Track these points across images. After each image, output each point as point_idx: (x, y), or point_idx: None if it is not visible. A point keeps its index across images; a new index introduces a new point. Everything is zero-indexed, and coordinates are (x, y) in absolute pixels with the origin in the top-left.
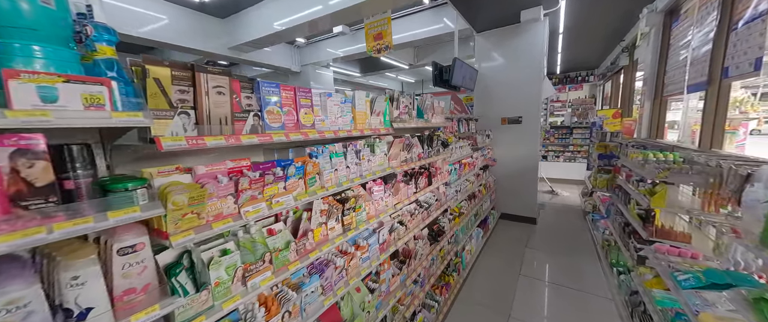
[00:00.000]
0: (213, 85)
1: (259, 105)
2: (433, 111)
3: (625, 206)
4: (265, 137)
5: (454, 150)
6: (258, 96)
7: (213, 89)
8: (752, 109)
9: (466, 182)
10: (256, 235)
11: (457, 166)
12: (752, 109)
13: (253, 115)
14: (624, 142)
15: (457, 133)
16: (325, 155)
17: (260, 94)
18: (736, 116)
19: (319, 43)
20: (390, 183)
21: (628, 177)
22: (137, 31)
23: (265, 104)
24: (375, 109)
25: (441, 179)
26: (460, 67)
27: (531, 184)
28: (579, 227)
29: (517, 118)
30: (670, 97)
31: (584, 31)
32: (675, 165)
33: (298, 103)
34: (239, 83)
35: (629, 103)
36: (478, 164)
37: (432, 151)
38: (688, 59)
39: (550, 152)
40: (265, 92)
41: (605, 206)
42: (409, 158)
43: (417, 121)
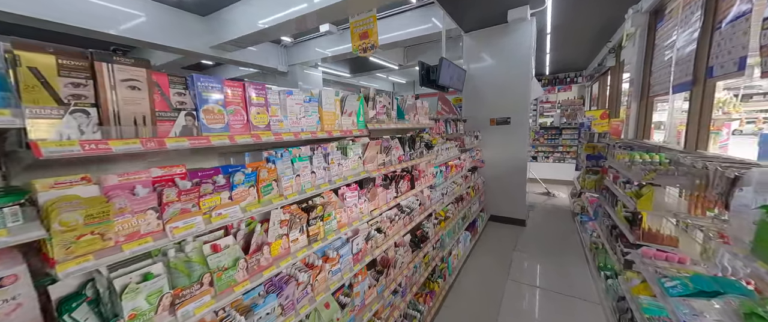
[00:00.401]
0: (122, 78)
1: (194, 103)
2: (415, 112)
3: (612, 208)
4: (201, 141)
5: (439, 152)
6: (193, 93)
7: (122, 83)
8: (734, 110)
9: (453, 184)
10: (193, 253)
11: (443, 168)
12: (734, 110)
13: (185, 114)
14: (611, 143)
15: (445, 134)
16: (285, 160)
17: (195, 90)
18: (720, 117)
19: (307, 43)
20: (366, 188)
21: (615, 179)
22: (116, 30)
23: (201, 102)
24: (346, 109)
25: (425, 183)
26: (447, 67)
27: (520, 185)
28: (568, 229)
29: (505, 119)
30: (656, 97)
31: (571, 32)
32: (661, 167)
33: (249, 101)
34: (167, 78)
35: (616, 103)
36: (466, 165)
37: (414, 153)
38: (673, 59)
39: (540, 153)
40: (201, 88)
41: (593, 207)
42: (388, 161)
43: (397, 123)
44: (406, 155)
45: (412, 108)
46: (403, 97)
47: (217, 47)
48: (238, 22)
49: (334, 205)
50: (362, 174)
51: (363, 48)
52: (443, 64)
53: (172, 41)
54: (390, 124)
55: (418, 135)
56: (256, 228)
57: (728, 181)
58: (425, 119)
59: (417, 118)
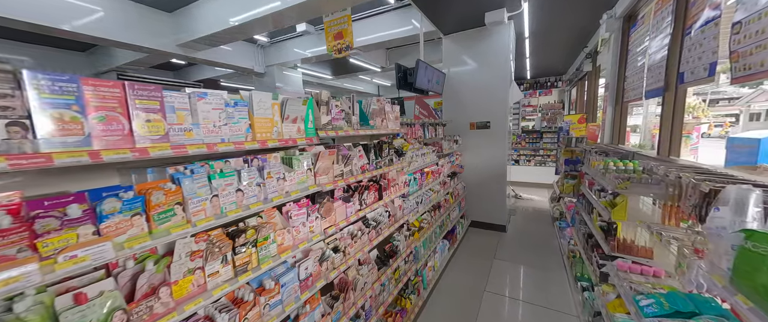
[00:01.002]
0: None
1: (25, 108)
2: (383, 116)
3: (588, 215)
4: (34, 160)
5: (414, 158)
6: (26, 94)
7: None
8: (703, 114)
9: (429, 191)
10: (31, 314)
11: (418, 175)
12: (703, 114)
13: (6, 124)
14: (587, 148)
15: (422, 139)
16: (198, 177)
17: (28, 91)
18: (689, 121)
19: (285, 43)
20: (320, 203)
21: (591, 185)
22: (70, 25)
23: (40, 107)
24: (288, 114)
25: (396, 192)
26: (424, 70)
27: (500, 190)
28: (547, 234)
29: (485, 123)
30: (630, 102)
31: (550, 36)
32: (635, 175)
33: (131, 105)
34: None
35: (593, 108)
36: (445, 171)
37: (382, 161)
38: (645, 65)
39: (522, 156)
40: (41, 87)
41: (571, 213)
42: (348, 172)
43: (361, 129)
44: (372, 164)
45: (378, 112)
46: (367, 101)
47: (185, 46)
48: (207, 19)
49: (273, 226)
50: (312, 188)
51: (338, 49)
52: (420, 66)
53: (134, 39)
54: (349, 130)
55: (388, 141)
56: (147, 265)
57: (701, 194)
58: (395, 124)
59: (385, 124)
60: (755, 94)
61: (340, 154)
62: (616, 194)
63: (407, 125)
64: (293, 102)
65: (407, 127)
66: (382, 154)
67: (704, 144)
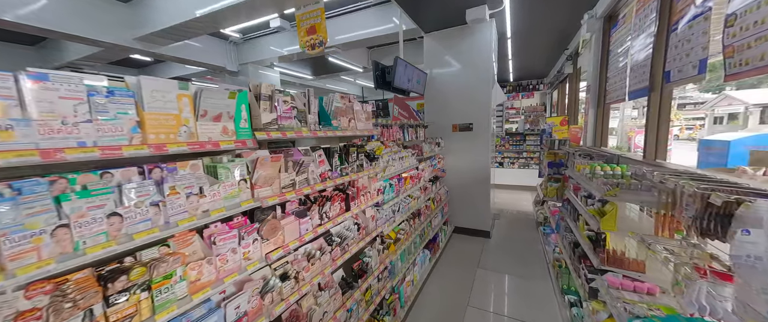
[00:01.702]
0: None
1: None
2: (351, 116)
3: (574, 222)
4: None
5: (389, 163)
6: None
7: None
8: (675, 117)
9: (408, 198)
10: None
11: (395, 181)
12: (675, 118)
13: None
14: (571, 150)
15: (401, 141)
16: (29, 200)
17: None
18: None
19: (259, 40)
20: (262, 221)
21: (576, 190)
22: (13, 15)
23: None
24: (203, 110)
25: (367, 201)
26: (403, 68)
27: (484, 195)
28: (532, 240)
29: (467, 125)
30: (612, 104)
31: (531, 37)
32: (624, 180)
33: None
34: None
35: (575, 110)
36: (426, 175)
37: (349, 167)
38: (628, 65)
39: (506, 159)
40: None
41: (555, 219)
42: (302, 181)
43: (321, 130)
44: (335, 171)
45: (344, 111)
46: (329, 98)
47: (144, 39)
48: (168, 10)
49: (183, 258)
50: (246, 204)
51: (311, 44)
52: (399, 64)
53: (84, 30)
54: (305, 131)
55: (358, 145)
56: None
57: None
58: (366, 125)
59: (353, 124)
60: (718, 99)
61: (289, 160)
62: (605, 201)
63: (384, 127)
64: (213, 94)
65: (384, 129)
66: (349, 160)
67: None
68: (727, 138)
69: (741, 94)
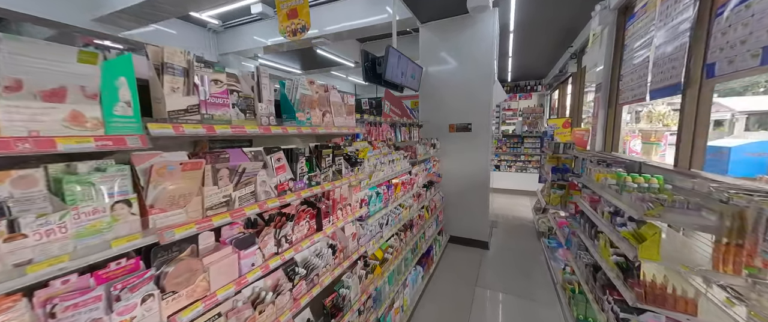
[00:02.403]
0: None
1: None
2: (326, 108)
3: (591, 239)
4: None
5: (377, 167)
6: None
7: None
8: (672, 122)
9: (398, 208)
10: None
11: (383, 188)
12: (672, 123)
13: None
14: (580, 155)
15: (392, 141)
16: None
17: None
18: (659, 129)
19: (241, 29)
20: (168, 261)
21: (594, 202)
22: None
23: None
24: (13, 79)
25: (347, 216)
26: (396, 59)
27: (482, 201)
28: (534, 252)
29: (466, 125)
30: (627, 104)
31: (535, 31)
32: (665, 196)
33: None
34: None
35: (578, 111)
36: (420, 180)
37: (321, 174)
38: (650, 60)
39: (503, 162)
40: None
41: (564, 232)
42: (246, 197)
43: (276, 125)
44: (301, 180)
45: (316, 102)
46: (292, 82)
47: (105, 21)
48: None
49: None
50: (121, 243)
51: (292, 30)
52: (390, 54)
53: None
54: (251, 127)
55: (336, 146)
56: None
57: None
58: (348, 121)
59: (328, 119)
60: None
61: (222, 167)
62: (641, 221)
63: (371, 124)
64: (39, 51)
65: (371, 127)
66: (322, 165)
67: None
68: (727, 144)
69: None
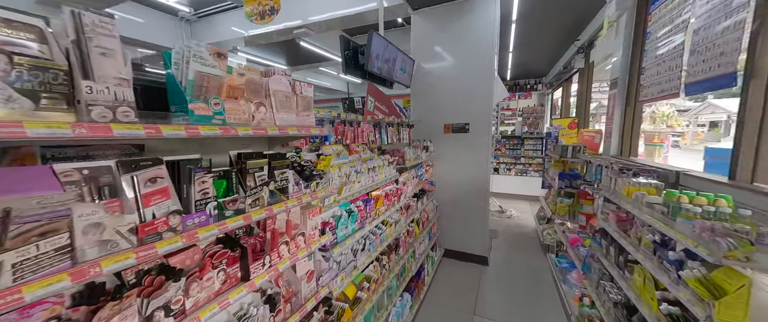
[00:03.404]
0: None
1: None
2: (260, 98)
3: (619, 269)
4: None
5: (350, 178)
6: None
7: None
8: (676, 123)
9: (380, 227)
10: None
11: (358, 204)
12: (676, 124)
13: None
14: (594, 160)
15: (376, 144)
16: None
17: None
18: (664, 130)
19: (217, 18)
20: None
21: (622, 222)
22: None
23: None
24: None
25: (298, 249)
26: (381, 47)
27: (481, 211)
28: (539, 269)
29: (463, 126)
30: (650, 102)
31: (539, 22)
32: (743, 224)
33: None
34: None
35: (585, 111)
36: (408, 190)
37: (247, 198)
38: (685, 47)
39: (502, 165)
40: None
41: (577, 252)
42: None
43: (131, 122)
44: (201, 212)
45: (238, 88)
46: (181, 53)
47: (51, 3)
48: None
49: None
50: None
51: (259, 12)
52: (374, 40)
53: None
54: (65, 126)
55: (277, 154)
56: None
57: None
58: (301, 118)
59: (267, 115)
60: (702, 108)
61: None
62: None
63: (346, 124)
64: None
65: (347, 128)
66: (247, 182)
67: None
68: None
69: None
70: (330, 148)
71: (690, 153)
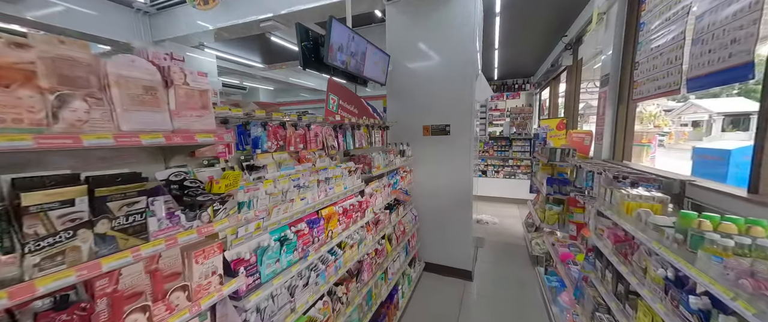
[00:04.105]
0: None
1: None
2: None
3: (618, 301)
4: None
5: (289, 194)
6: None
7: None
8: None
9: (334, 251)
10: None
11: (302, 225)
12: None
13: None
14: (585, 166)
15: (336, 150)
16: None
17: None
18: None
19: (178, 10)
20: None
21: (620, 242)
22: None
23: None
24: None
25: (176, 313)
26: (342, 38)
27: (464, 221)
28: (527, 284)
29: (443, 127)
30: (647, 100)
31: (524, 14)
32: None
33: None
34: None
35: (574, 111)
36: (378, 202)
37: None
38: (685, 36)
39: (490, 167)
40: None
41: (568, 273)
42: None
43: None
44: None
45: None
46: None
47: None
48: None
49: None
50: None
51: None
52: (334, 29)
53: None
54: None
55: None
56: None
57: None
58: (182, 120)
59: (99, 116)
60: (684, 107)
61: None
62: None
63: (292, 126)
64: None
65: (292, 131)
66: (23, 229)
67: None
68: (726, 146)
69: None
70: (269, 156)
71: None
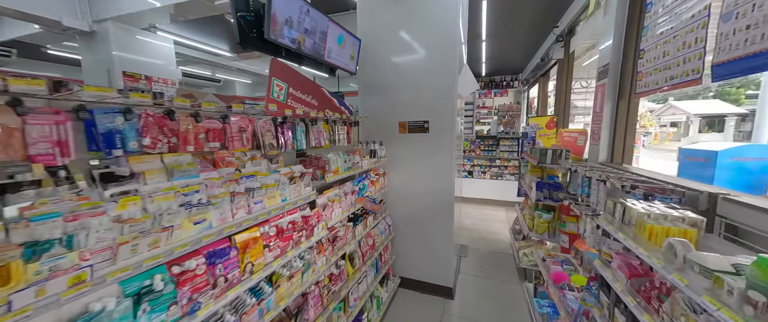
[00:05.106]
0: None
1: None
2: None
3: None
4: None
5: (164, 219)
6: None
7: None
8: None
9: (259, 291)
10: None
11: (191, 264)
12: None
13: None
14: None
15: (276, 149)
16: None
17: None
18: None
19: None
20: None
21: (638, 277)
22: None
23: None
24: None
25: None
26: (292, 9)
27: (444, 228)
28: (514, 301)
29: (422, 124)
30: (656, 93)
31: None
32: None
33: None
34: None
35: (565, 108)
36: (335, 214)
37: None
38: (708, 13)
39: (476, 167)
40: None
41: (563, 302)
42: None
43: None
44: None
45: None
46: None
47: None
48: None
49: None
50: None
51: None
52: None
53: None
54: None
55: None
56: None
57: None
58: None
59: None
60: (664, 109)
61: None
62: None
63: (171, 115)
64: None
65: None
66: None
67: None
68: (712, 148)
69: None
70: (155, 160)
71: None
